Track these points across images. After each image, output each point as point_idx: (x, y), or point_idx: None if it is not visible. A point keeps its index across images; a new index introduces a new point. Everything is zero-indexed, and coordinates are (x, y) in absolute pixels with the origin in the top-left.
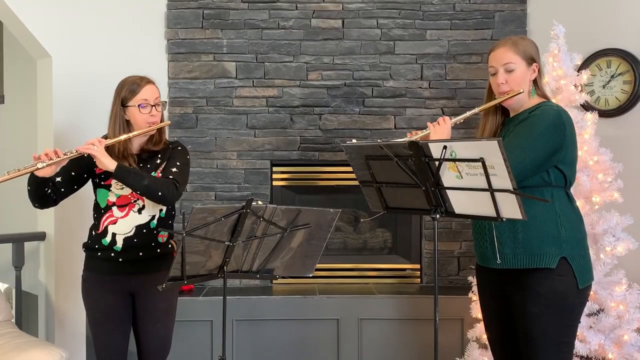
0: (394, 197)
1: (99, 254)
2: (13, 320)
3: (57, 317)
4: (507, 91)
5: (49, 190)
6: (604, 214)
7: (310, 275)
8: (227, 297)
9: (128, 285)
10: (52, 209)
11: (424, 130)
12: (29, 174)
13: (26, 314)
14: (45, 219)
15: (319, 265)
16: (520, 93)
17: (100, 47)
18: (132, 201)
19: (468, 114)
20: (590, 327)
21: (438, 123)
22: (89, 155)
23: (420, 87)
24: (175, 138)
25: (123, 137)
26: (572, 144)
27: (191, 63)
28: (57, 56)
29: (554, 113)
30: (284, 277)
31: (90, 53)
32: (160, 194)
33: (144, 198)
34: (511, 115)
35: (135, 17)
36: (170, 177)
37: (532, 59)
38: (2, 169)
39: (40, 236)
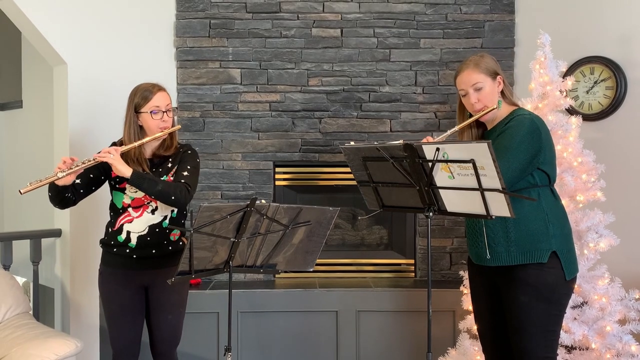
0: (389, 196)
1: (115, 250)
2: (31, 312)
3: (72, 309)
4: (481, 109)
5: (69, 194)
6: (588, 212)
7: (311, 269)
8: (233, 290)
9: (142, 279)
10: None
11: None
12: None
13: (43, 306)
14: (61, 217)
15: (319, 261)
16: (495, 108)
17: (113, 55)
18: (146, 203)
19: (449, 132)
20: (575, 318)
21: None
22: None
23: (415, 93)
24: (184, 141)
25: (137, 143)
26: (549, 145)
27: (198, 70)
28: (72, 63)
29: (528, 121)
30: (286, 272)
31: (104, 60)
32: (173, 198)
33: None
34: (488, 127)
35: (146, 27)
36: (182, 180)
37: (495, 73)
38: (19, 169)
39: (57, 233)
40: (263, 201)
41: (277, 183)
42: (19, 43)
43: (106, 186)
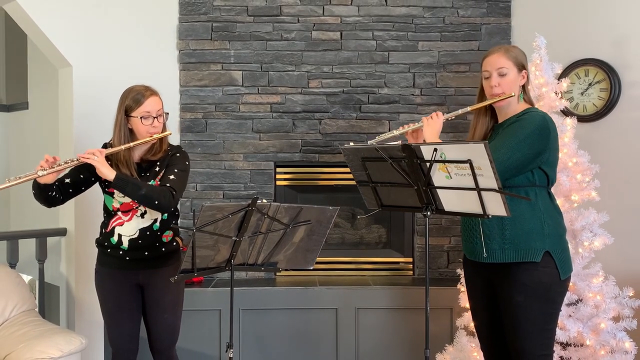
0: (388, 195)
1: (109, 250)
2: (36, 309)
3: (77, 307)
4: (499, 93)
5: (54, 193)
6: (582, 211)
7: (311, 267)
8: (234, 288)
9: (136, 279)
10: (72, 207)
11: (418, 123)
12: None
13: (48, 303)
14: (66, 216)
15: (319, 259)
16: (512, 96)
17: (117, 57)
18: (135, 207)
19: (460, 111)
20: (570, 315)
21: (431, 117)
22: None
23: (413, 94)
24: (187, 142)
25: (123, 147)
26: (555, 147)
27: (201, 72)
28: (77, 65)
29: (540, 118)
30: (286, 270)
31: (108, 62)
32: (157, 202)
33: None
34: (500, 121)
35: (150, 30)
36: (168, 184)
37: (522, 66)
38: (25, 169)
39: (62, 232)
40: (264, 201)
41: (278, 183)
42: (25, 45)
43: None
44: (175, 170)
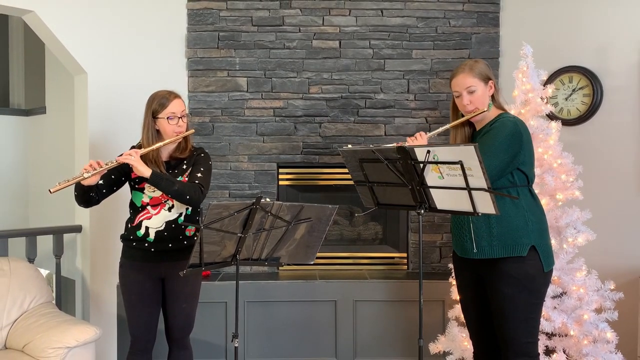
0: (384, 194)
1: (134, 244)
2: (53, 301)
3: (92, 299)
4: (472, 110)
5: (93, 194)
6: (567, 209)
7: (312, 262)
8: (240, 281)
9: (158, 271)
10: None
11: (404, 144)
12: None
13: (65, 296)
14: (82, 214)
15: (319, 254)
16: (485, 111)
17: (130, 64)
18: (163, 201)
19: (441, 129)
20: (555, 307)
21: (416, 138)
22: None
23: (407, 100)
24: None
25: (155, 146)
26: (529, 147)
27: (208, 78)
28: (92, 72)
29: (511, 124)
30: (288, 264)
31: (121, 69)
32: (188, 197)
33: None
34: (477, 128)
35: (160, 39)
36: (196, 181)
37: (487, 78)
38: (43, 171)
39: (77, 229)
40: (267, 199)
41: (281, 183)
42: (43, 54)
43: (124, 186)
44: (202, 169)
